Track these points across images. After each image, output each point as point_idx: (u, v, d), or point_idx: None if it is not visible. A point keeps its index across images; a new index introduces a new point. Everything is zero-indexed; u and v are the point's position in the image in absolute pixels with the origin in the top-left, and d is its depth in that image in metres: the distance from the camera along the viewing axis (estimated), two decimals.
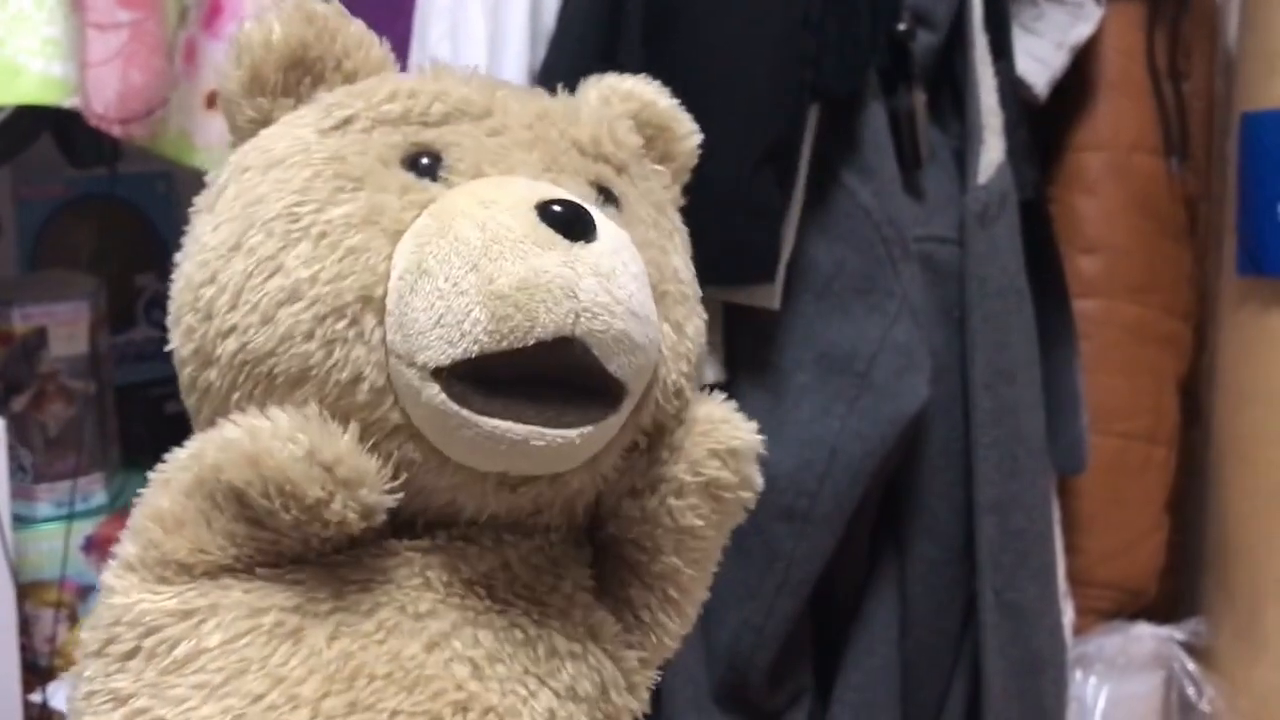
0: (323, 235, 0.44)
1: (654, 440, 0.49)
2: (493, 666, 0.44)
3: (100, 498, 0.96)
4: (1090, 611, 0.97)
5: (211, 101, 0.88)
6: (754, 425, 0.49)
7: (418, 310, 0.43)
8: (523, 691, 0.45)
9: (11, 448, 0.88)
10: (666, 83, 0.82)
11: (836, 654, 0.88)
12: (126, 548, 0.46)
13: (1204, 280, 1.01)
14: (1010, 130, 0.85)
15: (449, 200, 0.45)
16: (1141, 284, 0.97)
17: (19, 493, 0.91)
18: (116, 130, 0.81)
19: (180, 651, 0.43)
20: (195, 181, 1.19)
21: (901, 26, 0.81)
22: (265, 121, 0.49)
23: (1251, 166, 0.92)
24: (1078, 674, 0.94)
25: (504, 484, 0.45)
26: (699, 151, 0.54)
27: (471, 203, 0.44)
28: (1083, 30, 0.94)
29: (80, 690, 0.44)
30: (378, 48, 0.50)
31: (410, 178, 0.46)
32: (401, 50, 0.90)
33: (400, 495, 0.44)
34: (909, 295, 0.81)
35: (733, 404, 0.50)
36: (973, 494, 0.84)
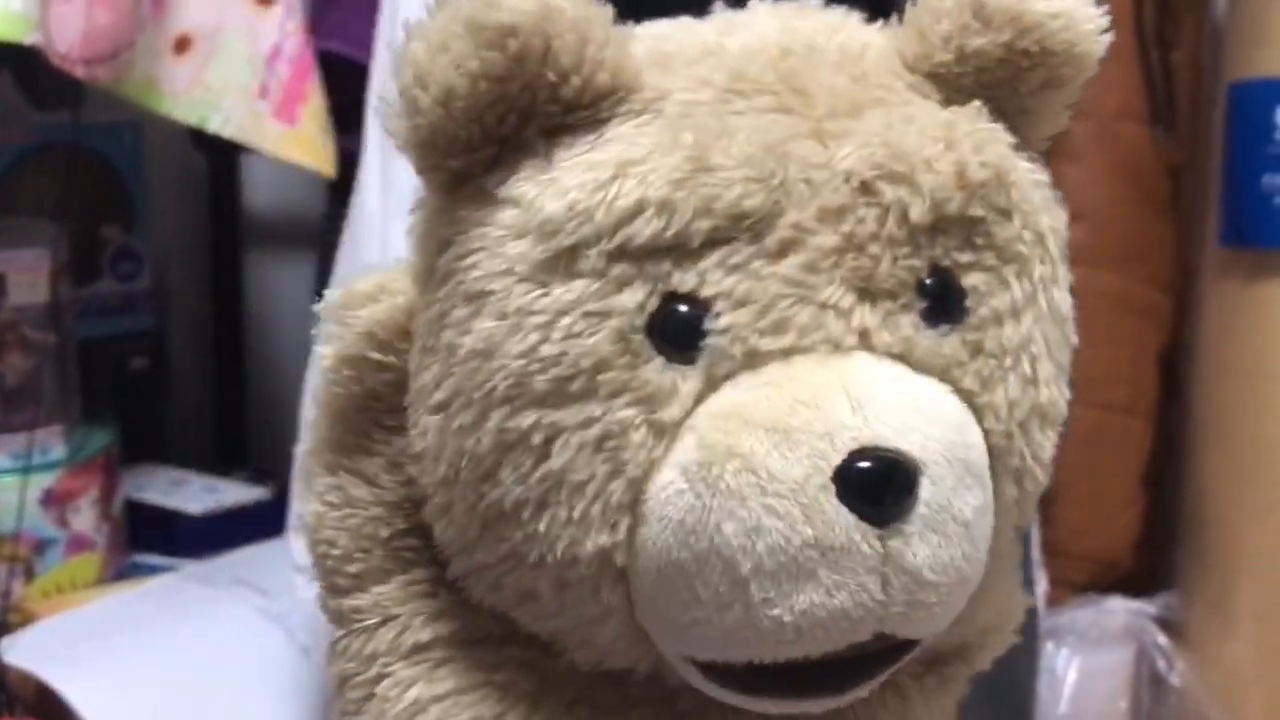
0: (547, 476, 0.35)
1: None
2: None
3: (59, 451, 0.94)
4: (1064, 583, 0.96)
5: (180, 47, 0.86)
6: None
7: (673, 610, 0.35)
8: None
9: None
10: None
11: None
12: None
13: (1187, 253, 1.00)
14: None
15: (711, 451, 0.34)
16: (1124, 254, 0.96)
17: None
18: (80, 71, 0.79)
19: None
20: (165, 133, 1.16)
21: None
22: (465, 175, 0.37)
23: (1237, 136, 0.91)
24: (1049, 646, 0.94)
25: None
26: (1101, 44, 0.39)
27: (740, 473, 0.33)
28: None
29: None
30: (611, 46, 0.36)
31: (657, 368, 0.34)
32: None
33: None
34: None
35: None
36: None
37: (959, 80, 0.38)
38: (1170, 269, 0.99)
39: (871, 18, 0.41)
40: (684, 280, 0.34)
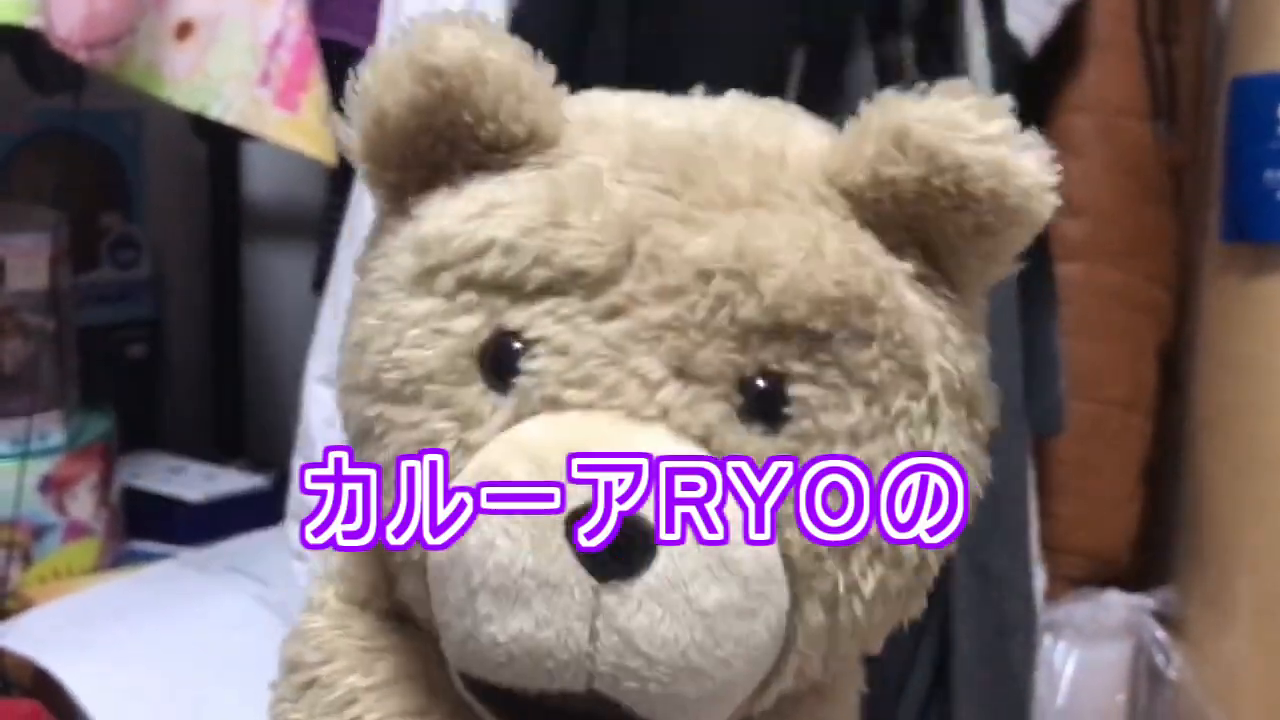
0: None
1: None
2: None
3: (57, 437, 0.94)
4: (1062, 578, 0.96)
5: (182, 33, 0.86)
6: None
7: (435, 608, 0.38)
8: None
9: None
10: (648, 26, 0.80)
11: None
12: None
13: (1188, 248, 1.00)
14: (998, 85, 0.83)
15: (482, 469, 0.37)
16: (1125, 249, 0.96)
17: None
18: (81, 55, 0.79)
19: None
20: (165, 120, 1.16)
21: None
22: (402, 188, 0.42)
23: (1239, 132, 0.91)
24: (1047, 640, 0.94)
25: None
26: (1045, 202, 0.39)
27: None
28: None
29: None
30: (535, 102, 0.40)
31: (476, 393, 0.38)
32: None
33: None
34: None
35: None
36: None
37: (876, 204, 0.39)
38: (1171, 264, 0.99)
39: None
40: (515, 319, 0.38)
